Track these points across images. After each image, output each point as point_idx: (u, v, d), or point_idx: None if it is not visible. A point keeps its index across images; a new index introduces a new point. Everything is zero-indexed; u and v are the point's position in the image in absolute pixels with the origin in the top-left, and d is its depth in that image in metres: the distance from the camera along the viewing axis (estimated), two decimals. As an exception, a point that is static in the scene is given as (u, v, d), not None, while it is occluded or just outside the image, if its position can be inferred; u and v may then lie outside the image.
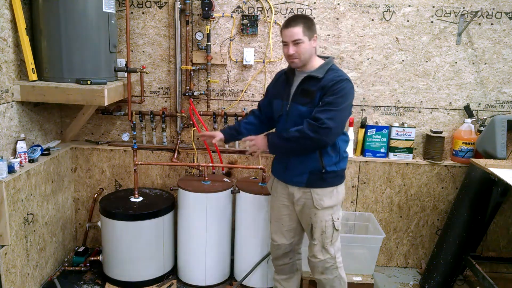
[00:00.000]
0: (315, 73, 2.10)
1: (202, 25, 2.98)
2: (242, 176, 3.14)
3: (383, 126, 3.04)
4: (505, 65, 2.99)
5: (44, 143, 2.88)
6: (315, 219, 2.21)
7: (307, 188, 2.18)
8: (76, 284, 2.85)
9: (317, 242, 2.25)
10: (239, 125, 2.41)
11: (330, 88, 2.03)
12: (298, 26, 2.04)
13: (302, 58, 2.09)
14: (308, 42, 2.07)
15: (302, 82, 2.13)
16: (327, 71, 2.09)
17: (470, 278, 2.95)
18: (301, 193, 2.21)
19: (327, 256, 2.25)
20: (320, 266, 2.28)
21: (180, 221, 2.86)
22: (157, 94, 3.13)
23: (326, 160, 2.13)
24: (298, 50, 2.07)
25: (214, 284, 2.90)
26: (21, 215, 2.47)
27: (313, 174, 2.15)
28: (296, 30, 2.05)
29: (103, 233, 2.84)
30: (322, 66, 2.12)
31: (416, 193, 3.11)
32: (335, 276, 2.30)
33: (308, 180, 2.17)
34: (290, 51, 2.07)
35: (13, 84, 2.49)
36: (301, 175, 2.17)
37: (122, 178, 3.17)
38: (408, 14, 2.94)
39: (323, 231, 2.22)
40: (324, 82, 2.06)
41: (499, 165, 2.64)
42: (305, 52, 2.08)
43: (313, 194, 2.17)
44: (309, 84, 2.11)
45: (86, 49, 2.60)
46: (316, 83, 2.08)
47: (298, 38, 2.05)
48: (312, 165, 2.14)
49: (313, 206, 2.18)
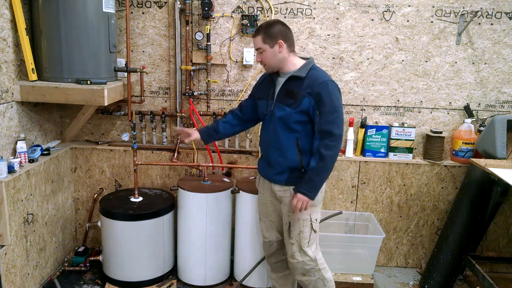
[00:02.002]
0: (297, 73, 2.14)
1: (202, 25, 2.98)
2: (242, 176, 3.14)
3: (383, 126, 3.05)
4: (505, 65, 2.99)
5: (44, 143, 2.88)
6: (293, 217, 2.23)
7: (287, 186, 2.22)
8: (76, 284, 2.85)
9: (294, 241, 2.25)
10: (217, 124, 2.46)
11: (320, 94, 2.07)
12: (258, 36, 2.14)
13: (268, 64, 2.18)
14: (271, 49, 2.12)
15: (286, 83, 2.18)
16: (309, 70, 2.14)
17: (470, 278, 2.95)
18: (282, 191, 2.25)
19: (305, 257, 2.25)
20: (299, 268, 2.28)
21: (180, 221, 2.86)
22: (157, 94, 3.13)
23: (305, 160, 2.17)
24: (262, 58, 2.16)
25: (214, 284, 2.90)
26: (21, 215, 2.47)
27: (292, 173, 2.20)
28: (256, 40, 2.16)
29: (103, 233, 2.84)
30: (303, 66, 2.17)
31: (416, 193, 3.11)
32: (317, 278, 2.30)
33: (287, 178, 2.21)
34: (257, 58, 2.20)
35: (13, 84, 2.49)
36: (281, 173, 2.23)
37: (122, 178, 3.17)
38: (408, 14, 2.95)
39: (301, 231, 2.23)
40: (308, 83, 2.10)
41: (499, 165, 2.64)
42: (270, 59, 2.15)
43: (292, 191, 2.20)
44: (292, 84, 2.15)
45: (86, 49, 2.60)
46: (300, 83, 2.12)
47: (259, 47, 2.15)
48: (291, 164, 2.19)
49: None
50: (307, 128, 2.14)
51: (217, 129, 2.44)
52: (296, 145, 2.16)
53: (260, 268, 2.81)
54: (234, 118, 2.46)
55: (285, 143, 2.18)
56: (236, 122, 2.46)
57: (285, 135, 2.17)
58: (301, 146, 2.16)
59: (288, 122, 2.15)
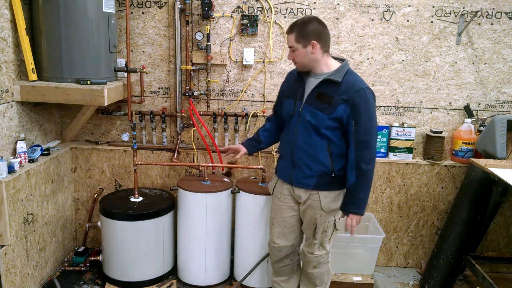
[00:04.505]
0: (333, 76, 2.08)
1: (202, 25, 2.98)
2: (242, 176, 3.14)
3: (383, 126, 3.05)
4: (505, 65, 2.99)
5: (44, 143, 2.88)
6: (320, 221, 2.22)
7: (315, 191, 2.19)
8: (76, 284, 2.85)
9: (317, 241, 2.28)
10: (257, 134, 2.44)
11: (358, 103, 2.02)
12: (291, 34, 2.08)
13: (300, 64, 2.12)
14: (303, 49, 2.06)
15: (319, 85, 2.11)
16: (344, 74, 2.08)
17: (470, 278, 2.95)
18: (308, 195, 2.21)
19: (323, 252, 2.31)
20: (315, 261, 2.32)
21: (180, 221, 2.86)
22: (157, 94, 3.13)
23: (336, 165, 2.14)
24: (294, 56, 2.11)
25: (214, 284, 2.90)
26: (21, 215, 2.47)
27: (322, 177, 2.16)
28: (289, 38, 2.10)
29: (103, 233, 2.83)
30: (339, 70, 2.10)
31: (416, 193, 3.11)
32: (325, 270, 2.37)
33: (316, 183, 2.17)
34: (289, 57, 2.14)
35: (13, 84, 2.49)
36: (310, 177, 2.17)
37: (122, 178, 3.17)
38: (408, 14, 2.95)
39: (325, 231, 2.25)
40: (344, 89, 2.05)
41: (499, 165, 2.64)
42: (302, 58, 2.09)
43: (321, 196, 2.18)
44: (326, 88, 2.09)
45: (86, 49, 2.60)
46: (334, 88, 2.07)
47: (291, 46, 2.09)
48: (322, 169, 2.15)
49: (320, 208, 2.19)
50: (337, 134, 2.10)
51: (258, 139, 2.41)
52: (328, 149, 2.12)
53: (260, 268, 2.81)
54: (272, 124, 2.42)
55: (316, 147, 2.13)
56: (275, 126, 2.41)
57: (316, 139, 2.12)
58: (333, 151, 2.12)
59: (319, 127, 2.09)
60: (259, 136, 2.42)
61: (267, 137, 2.42)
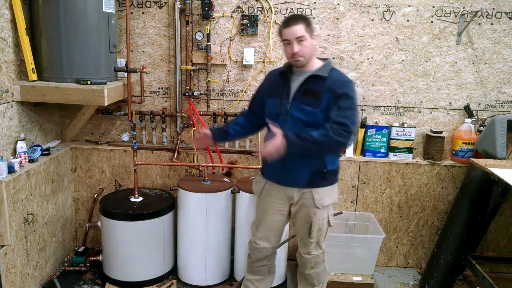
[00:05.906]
0: (320, 72, 2.08)
1: (202, 25, 2.98)
2: (242, 176, 3.14)
3: (383, 126, 3.04)
4: (505, 65, 2.99)
5: (44, 143, 2.88)
6: (315, 218, 2.20)
7: (307, 189, 2.17)
8: (76, 284, 2.85)
9: (313, 239, 2.25)
10: (227, 126, 2.37)
11: (342, 91, 2.03)
12: (299, 24, 2.03)
13: (306, 56, 2.07)
14: (310, 39, 2.06)
15: (306, 82, 2.11)
16: (330, 70, 2.09)
17: (470, 278, 2.95)
18: (301, 194, 2.18)
19: (319, 251, 2.29)
20: (312, 262, 2.30)
21: (180, 221, 2.86)
22: (157, 94, 3.13)
23: (328, 159, 2.13)
24: (302, 47, 2.04)
25: (214, 284, 2.90)
26: (21, 215, 2.47)
27: (315, 174, 2.14)
28: (298, 28, 2.02)
29: (103, 233, 2.84)
30: (325, 66, 2.12)
31: (416, 193, 3.11)
32: (322, 269, 2.36)
33: (309, 180, 2.15)
34: (295, 49, 2.04)
35: (13, 84, 2.49)
36: (302, 176, 2.15)
37: (122, 178, 3.17)
38: (408, 14, 2.94)
39: (320, 229, 2.23)
40: (331, 82, 2.06)
41: (499, 165, 2.64)
42: (310, 49, 2.07)
43: (314, 194, 2.16)
44: (313, 83, 2.09)
45: (86, 49, 2.60)
46: (321, 83, 2.07)
47: (302, 35, 2.02)
48: (315, 165, 2.13)
49: (314, 205, 2.17)
50: None
51: (227, 131, 2.35)
52: None
53: (260, 268, 2.81)
54: (245, 119, 2.38)
55: None
56: (248, 123, 2.37)
57: None
58: None
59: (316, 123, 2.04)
60: (229, 129, 2.35)
61: (237, 131, 2.36)
